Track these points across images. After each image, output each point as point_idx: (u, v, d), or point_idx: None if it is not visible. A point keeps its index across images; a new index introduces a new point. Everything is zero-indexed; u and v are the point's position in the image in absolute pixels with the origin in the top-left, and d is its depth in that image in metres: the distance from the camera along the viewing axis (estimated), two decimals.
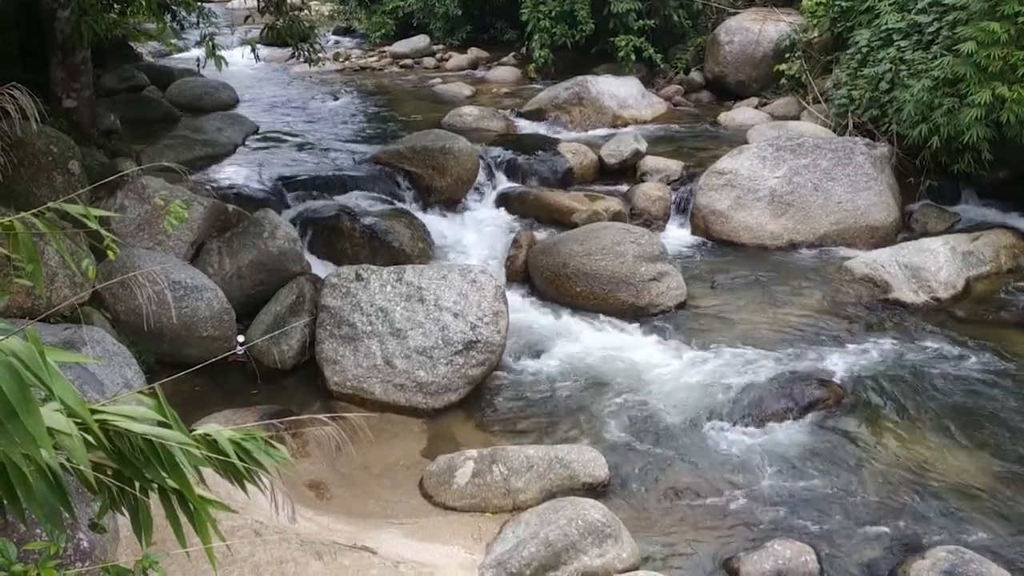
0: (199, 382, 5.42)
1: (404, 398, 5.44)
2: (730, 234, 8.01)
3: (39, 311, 4.91)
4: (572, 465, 4.57)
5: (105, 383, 4.39)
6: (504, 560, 3.86)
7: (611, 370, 5.80)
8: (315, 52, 8.03)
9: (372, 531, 4.14)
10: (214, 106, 11.58)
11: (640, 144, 9.35)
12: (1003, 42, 6.98)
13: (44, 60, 7.35)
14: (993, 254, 7.23)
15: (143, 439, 1.53)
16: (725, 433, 5.15)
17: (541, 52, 13.60)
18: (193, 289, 5.62)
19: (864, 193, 7.99)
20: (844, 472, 4.75)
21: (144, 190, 6.14)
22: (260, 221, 6.39)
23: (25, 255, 1.81)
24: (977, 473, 4.73)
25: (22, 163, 5.49)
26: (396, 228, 7.28)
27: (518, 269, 7.16)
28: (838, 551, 4.15)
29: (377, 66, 16.09)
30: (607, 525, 4.00)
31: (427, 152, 8.48)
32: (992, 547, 4.13)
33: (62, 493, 1.49)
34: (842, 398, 5.40)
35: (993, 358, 5.86)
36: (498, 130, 10.78)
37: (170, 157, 8.39)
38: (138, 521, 1.69)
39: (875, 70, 8.90)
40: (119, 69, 11.47)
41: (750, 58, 12.13)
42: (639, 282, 6.61)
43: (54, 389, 1.38)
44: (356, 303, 5.67)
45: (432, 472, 4.66)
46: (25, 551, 2.12)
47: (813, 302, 6.76)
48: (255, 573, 3.45)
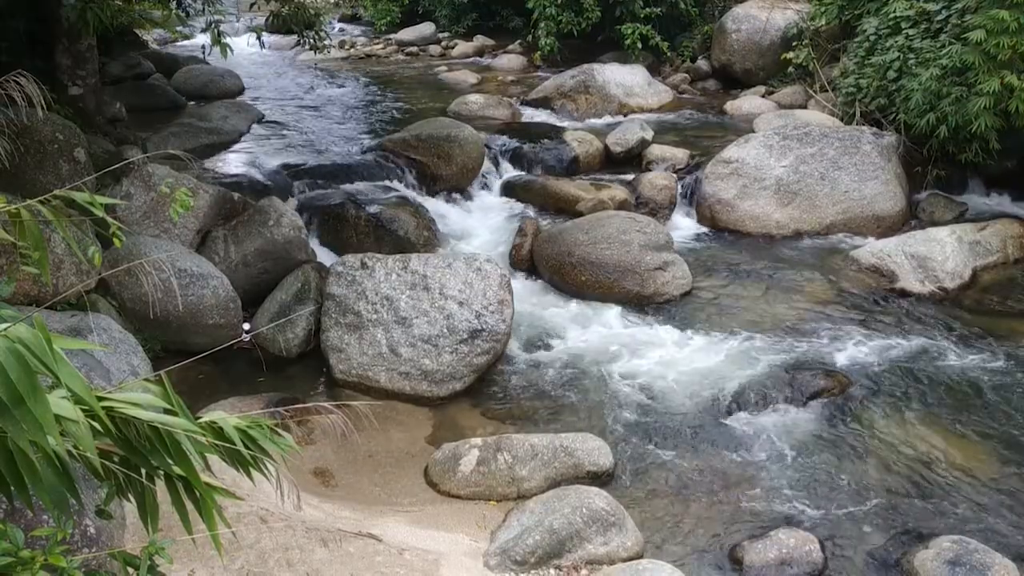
0: (205, 370, 5.44)
1: (409, 386, 5.45)
2: (736, 223, 7.99)
3: (45, 298, 4.93)
4: (576, 453, 4.58)
5: (111, 370, 4.40)
6: (509, 548, 3.88)
7: (616, 359, 5.80)
8: (320, 40, 8.01)
9: (377, 518, 4.16)
10: (219, 94, 11.57)
11: (646, 133, 9.32)
12: (1012, 30, 6.93)
13: (50, 47, 7.35)
14: (1000, 244, 7.21)
15: (149, 426, 1.53)
16: (730, 422, 5.15)
17: (547, 40, 13.54)
18: (199, 277, 5.63)
19: (871, 182, 7.96)
20: (849, 461, 4.75)
21: (150, 178, 6.15)
22: (266, 209, 6.39)
23: (31, 242, 1.82)
24: (982, 463, 4.73)
25: (28, 151, 5.50)
26: (401, 216, 7.28)
27: (523, 258, 7.16)
28: (842, 540, 4.16)
29: (382, 54, 16.04)
30: (611, 513, 4.01)
31: (432, 140, 8.46)
32: (996, 537, 4.13)
33: (69, 480, 1.49)
34: (847, 388, 5.40)
35: (999, 348, 5.85)
36: (504, 118, 10.75)
37: (176, 145, 8.40)
38: (144, 508, 1.70)
39: (883, 58, 8.84)
40: (125, 57, 11.47)
41: (757, 46, 12.06)
42: (644, 271, 6.60)
43: (61, 376, 1.39)
44: (361, 291, 5.68)
45: (437, 460, 4.67)
46: (32, 537, 2.13)
47: (819, 292, 6.74)
48: (261, 559, 3.47)
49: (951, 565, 3.78)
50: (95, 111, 7.69)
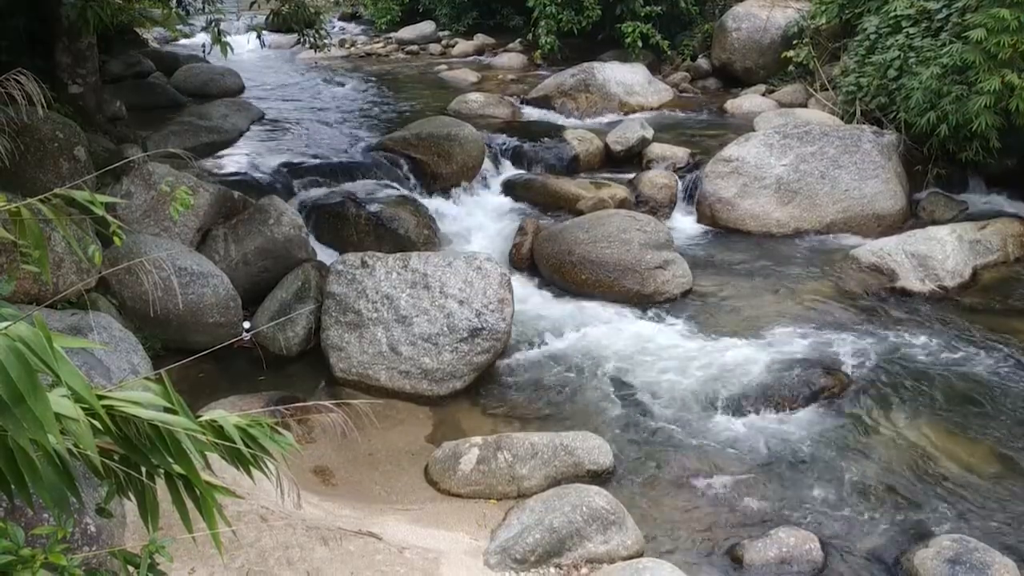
0: (205, 368, 5.44)
1: (409, 385, 5.45)
2: (736, 222, 7.99)
3: (46, 297, 4.93)
4: (577, 452, 4.58)
5: (112, 369, 4.41)
6: (509, 546, 3.88)
7: (616, 358, 5.80)
8: (321, 38, 8.02)
9: (377, 517, 4.16)
10: (220, 92, 11.56)
11: (646, 131, 9.31)
12: (1013, 29, 6.92)
13: (50, 46, 7.34)
14: (1001, 243, 7.20)
15: (149, 425, 1.53)
16: (730, 420, 5.15)
17: (547, 39, 13.54)
18: (199, 275, 5.63)
19: (871, 181, 7.96)
20: (849, 460, 4.75)
21: (150, 176, 6.14)
22: (266, 208, 6.39)
23: (31, 241, 1.82)
24: (982, 462, 4.73)
25: (28, 149, 5.50)
26: (401, 215, 7.28)
27: (523, 256, 7.16)
28: (842, 539, 4.16)
29: (383, 52, 16.04)
30: (611, 512, 4.01)
31: (433, 139, 8.46)
32: (997, 535, 4.13)
33: (69, 478, 1.49)
34: (847, 386, 5.40)
35: (1000, 347, 5.85)
36: (504, 117, 10.74)
37: (176, 143, 8.39)
38: (144, 506, 1.70)
39: (883, 57, 8.84)
40: (125, 55, 11.46)
41: (757, 45, 12.05)
42: (645, 270, 6.60)
43: (61, 375, 1.39)
44: (361, 290, 5.68)
45: (437, 459, 4.67)
46: (33, 535, 2.13)
47: (819, 290, 6.74)
48: (261, 558, 3.47)
49: (951, 564, 3.78)
50: (95, 109, 7.69)
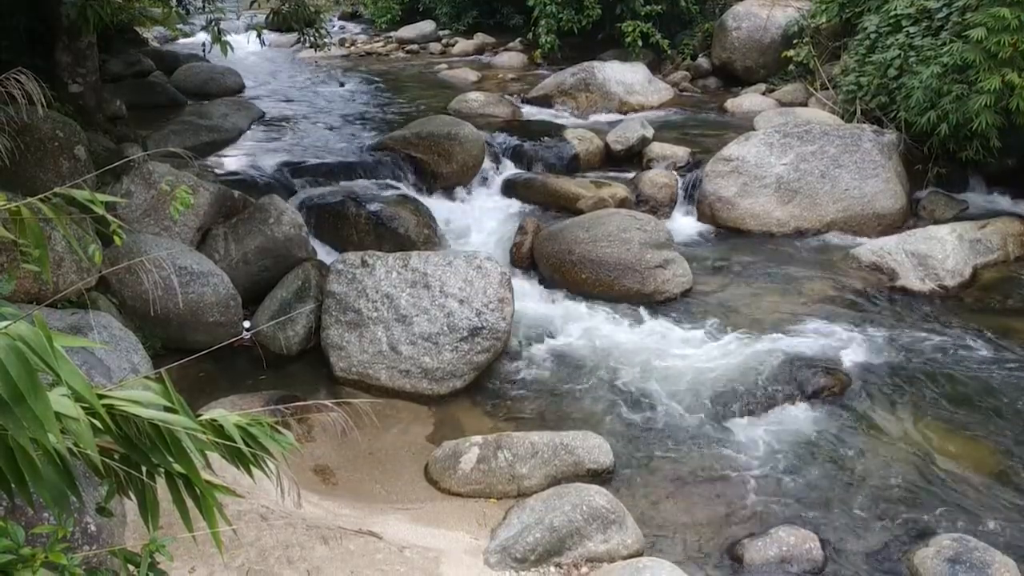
0: (205, 367, 5.44)
1: (409, 384, 5.45)
2: (736, 221, 7.99)
3: (46, 296, 4.93)
4: (577, 451, 4.58)
5: (112, 368, 4.41)
6: (509, 545, 3.88)
7: (616, 357, 5.80)
8: (321, 37, 8.02)
9: (377, 516, 4.16)
10: (220, 91, 11.57)
11: (646, 130, 9.31)
12: (1013, 28, 6.92)
13: (50, 45, 7.34)
14: (1001, 242, 7.20)
15: (150, 424, 1.53)
16: (730, 420, 5.15)
17: (547, 38, 13.55)
18: (199, 275, 5.63)
19: (871, 180, 7.96)
20: (849, 459, 4.75)
21: (150, 176, 6.15)
22: (266, 207, 6.39)
23: (32, 240, 1.82)
24: (982, 461, 4.73)
25: (28, 148, 5.50)
26: (401, 214, 7.27)
27: (524, 256, 7.16)
28: (843, 538, 4.16)
29: (383, 52, 16.05)
30: (611, 511, 4.01)
31: (433, 138, 8.46)
32: (997, 535, 4.13)
33: (69, 477, 1.50)
34: (847, 386, 5.40)
35: (1000, 346, 5.85)
36: (504, 116, 10.74)
37: (176, 143, 8.40)
38: (145, 505, 1.70)
39: (883, 56, 8.83)
40: (125, 54, 11.47)
41: (757, 44, 12.06)
42: (645, 269, 6.60)
43: (61, 374, 1.39)
44: (362, 289, 5.68)
45: (437, 458, 4.67)
46: (33, 535, 2.14)
47: (819, 289, 6.74)
48: (261, 557, 3.48)
49: (951, 563, 3.78)
50: (95, 109, 7.69)
